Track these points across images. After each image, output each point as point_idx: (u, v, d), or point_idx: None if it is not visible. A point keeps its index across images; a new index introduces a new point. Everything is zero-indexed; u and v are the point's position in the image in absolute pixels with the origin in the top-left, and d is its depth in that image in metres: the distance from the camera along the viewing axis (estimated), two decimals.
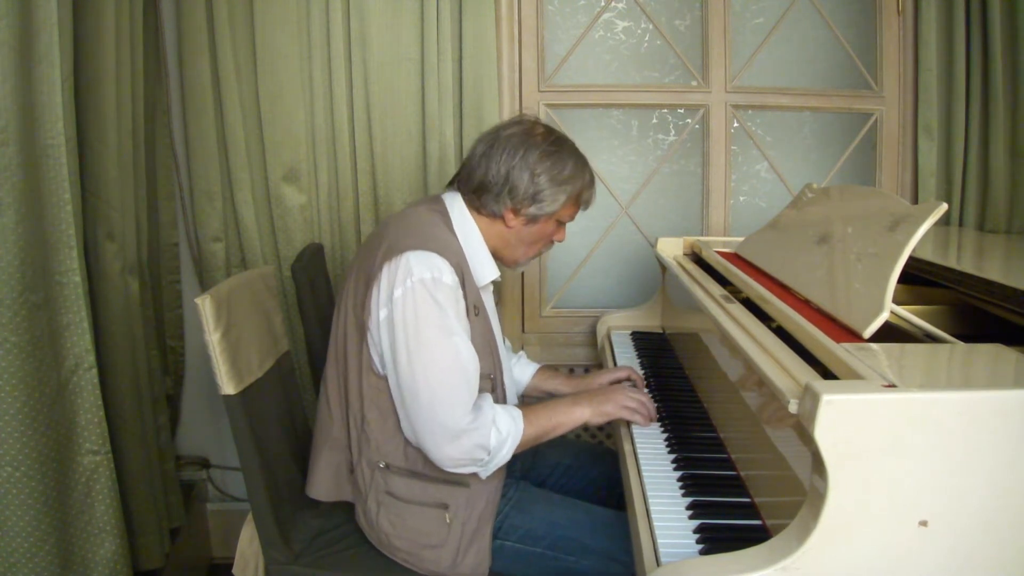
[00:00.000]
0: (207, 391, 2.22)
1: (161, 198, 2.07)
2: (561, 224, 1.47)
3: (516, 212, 1.38)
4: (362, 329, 1.31)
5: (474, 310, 1.34)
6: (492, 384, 1.38)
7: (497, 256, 1.46)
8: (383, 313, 1.26)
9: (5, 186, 1.29)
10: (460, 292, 1.30)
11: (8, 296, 1.31)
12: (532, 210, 1.38)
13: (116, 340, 1.70)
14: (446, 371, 1.24)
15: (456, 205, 1.42)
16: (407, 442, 1.32)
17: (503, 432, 1.27)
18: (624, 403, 1.41)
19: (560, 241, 1.51)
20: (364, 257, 1.35)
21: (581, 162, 1.42)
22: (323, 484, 1.42)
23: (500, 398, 1.41)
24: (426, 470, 1.32)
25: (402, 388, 1.26)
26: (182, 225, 2.14)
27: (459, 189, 1.43)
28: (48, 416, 1.39)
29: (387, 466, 1.33)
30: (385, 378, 1.31)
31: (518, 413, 1.32)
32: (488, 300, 1.48)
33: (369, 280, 1.29)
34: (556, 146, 1.39)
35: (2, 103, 1.27)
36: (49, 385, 1.39)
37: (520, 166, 1.35)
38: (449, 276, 1.27)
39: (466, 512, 1.32)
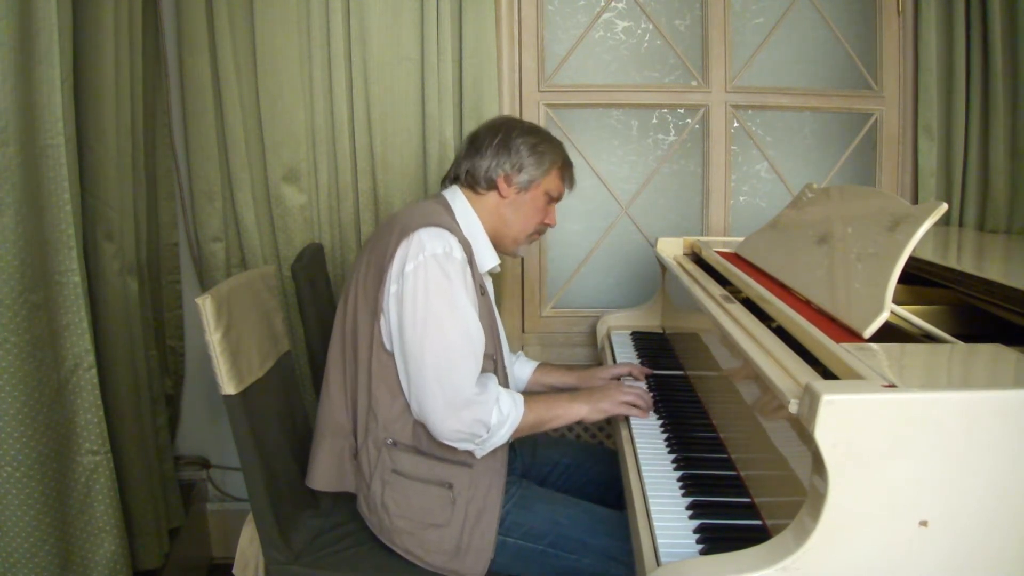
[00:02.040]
0: (207, 391, 2.22)
1: (161, 198, 2.07)
2: (551, 201, 1.54)
3: (508, 181, 1.48)
4: (374, 309, 1.34)
5: (480, 290, 1.39)
6: (494, 365, 1.41)
7: (497, 241, 1.52)
8: (394, 287, 1.31)
9: (5, 186, 1.29)
10: (469, 268, 1.35)
11: (8, 296, 1.31)
12: (522, 178, 1.48)
13: (115, 340, 1.70)
14: (454, 342, 1.28)
15: (456, 197, 1.49)
16: (415, 420, 1.33)
17: (504, 412, 1.30)
18: (621, 399, 1.44)
19: (551, 225, 1.57)
20: (374, 246, 1.39)
21: (557, 142, 1.56)
22: (324, 473, 1.42)
23: (501, 380, 1.43)
24: (431, 449, 1.34)
25: (409, 358, 1.29)
26: (182, 225, 2.14)
27: (453, 180, 1.53)
28: (48, 416, 1.39)
29: (394, 443, 1.35)
30: (393, 354, 1.33)
31: (520, 398, 1.35)
32: (489, 287, 1.54)
33: (382, 263, 1.33)
34: (532, 126, 1.55)
35: (2, 103, 1.27)
36: (49, 385, 1.39)
37: (502, 141, 1.48)
38: (459, 252, 1.33)
39: (470, 492, 1.34)
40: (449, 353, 1.28)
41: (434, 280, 1.29)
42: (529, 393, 1.44)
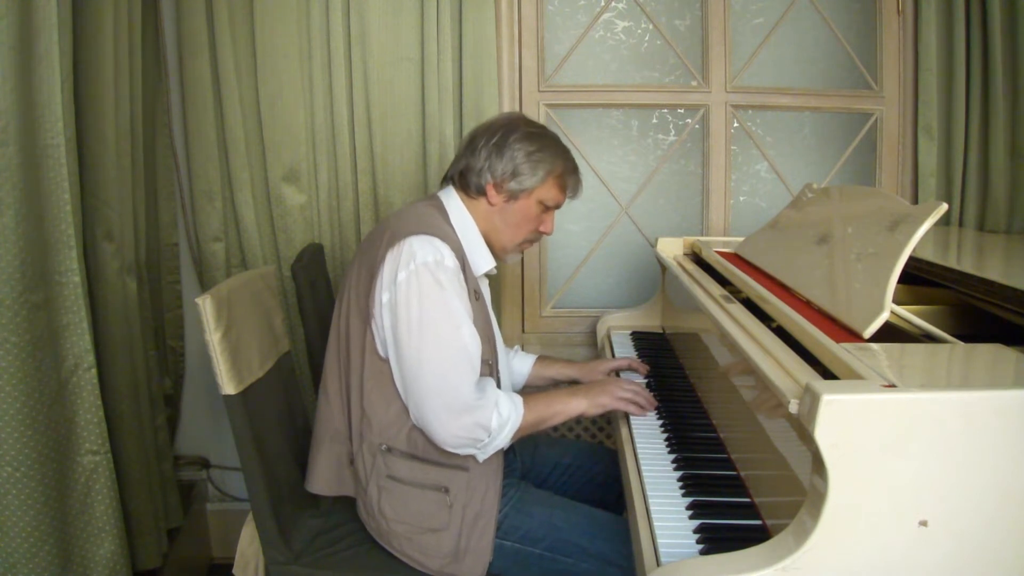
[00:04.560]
0: (207, 391, 2.22)
1: (161, 198, 2.07)
2: (547, 210, 1.49)
3: (497, 188, 1.44)
4: (366, 315, 1.33)
5: (474, 295, 1.38)
6: (490, 369, 1.40)
7: (489, 245, 1.49)
8: (386, 296, 1.29)
9: (5, 186, 1.29)
10: (462, 275, 1.34)
11: (8, 296, 1.31)
12: (512, 185, 1.43)
13: (114, 340, 1.70)
14: (450, 350, 1.27)
15: (451, 199, 1.47)
16: (410, 426, 1.33)
17: (504, 415, 1.30)
18: (619, 394, 1.43)
19: (547, 233, 1.53)
20: (366, 250, 1.38)
21: (561, 148, 1.49)
22: (324, 477, 1.42)
23: (497, 384, 1.42)
24: (427, 454, 1.34)
25: (407, 368, 1.28)
26: (182, 225, 2.14)
27: (449, 179, 1.50)
28: (48, 416, 1.39)
29: (389, 449, 1.34)
30: (388, 361, 1.32)
31: (519, 399, 1.35)
32: (485, 290, 1.52)
33: (373, 269, 1.32)
34: (536, 130, 1.48)
35: (2, 103, 1.27)
36: (49, 385, 1.39)
37: (499, 143, 1.43)
38: (451, 260, 1.31)
39: (467, 496, 1.33)
40: (447, 361, 1.27)
41: (427, 289, 1.27)
42: (527, 392, 1.44)
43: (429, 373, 1.26)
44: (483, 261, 1.47)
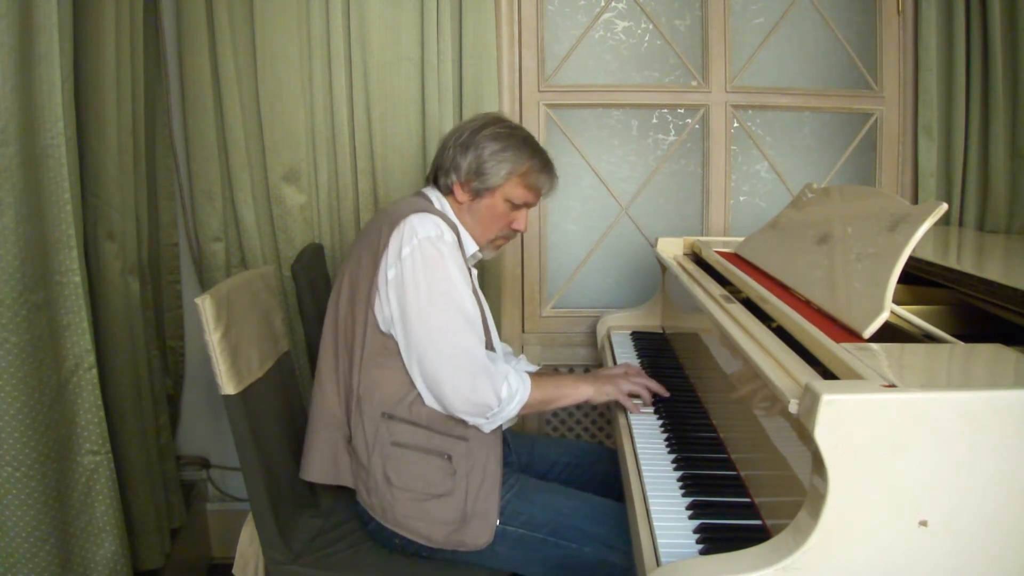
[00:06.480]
0: (207, 391, 2.22)
1: (161, 198, 2.07)
2: (516, 208, 1.50)
3: (463, 187, 1.47)
4: (368, 295, 1.37)
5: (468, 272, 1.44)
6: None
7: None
8: (392, 272, 1.34)
9: (5, 186, 1.29)
10: (459, 250, 1.40)
11: (8, 296, 1.31)
12: (476, 184, 1.46)
13: (116, 340, 1.70)
14: (460, 317, 1.33)
15: (433, 194, 1.51)
16: (412, 398, 1.36)
17: (513, 387, 1.34)
18: (625, 388, 1.47)
19: (520, 230, 1.54)
20: (366, 237, 1.43)
21: (530, 147, 1.49)
22: (319, 465, 1.44)
23: None
24: (430, 422, 1.37)
25: (419, 338, 1.32)
26: (182, 225, 2.14)
27: (430, 177, 1.55)
28: (48, 416, 1.39)
29: (391, 416, 1.37)
30: (390, 336, 1.36)
31: (526, 376, 1.39)
32: (474, 278, 1.54)
33: (376, 251, 1.37)
34: (506, 130, 1.48)
35: (2, 103, 1.27)
36: (49, 385, 1.39)
37: (465, 143, 1.46)
38: (449, 235, 1.38)
39: (468, 464, 1.36)
40: (456, 329, 1.32)
41: (431, 260, 1.33)
42: (535, 373, 1.46)
43: (441, 340, 1.31)
44: (469, 244, 1.51)
